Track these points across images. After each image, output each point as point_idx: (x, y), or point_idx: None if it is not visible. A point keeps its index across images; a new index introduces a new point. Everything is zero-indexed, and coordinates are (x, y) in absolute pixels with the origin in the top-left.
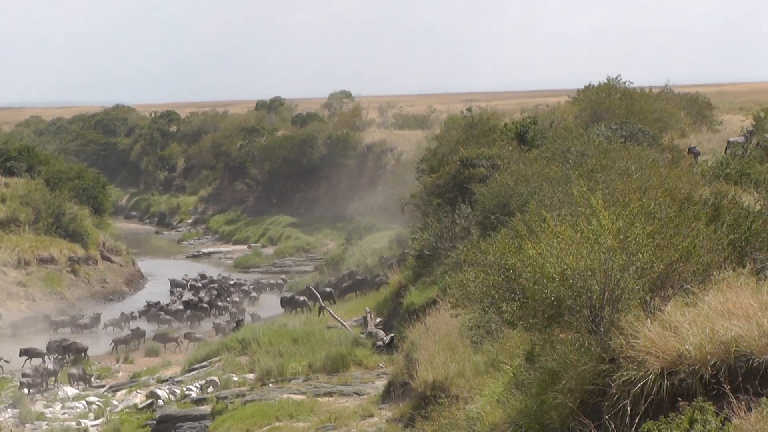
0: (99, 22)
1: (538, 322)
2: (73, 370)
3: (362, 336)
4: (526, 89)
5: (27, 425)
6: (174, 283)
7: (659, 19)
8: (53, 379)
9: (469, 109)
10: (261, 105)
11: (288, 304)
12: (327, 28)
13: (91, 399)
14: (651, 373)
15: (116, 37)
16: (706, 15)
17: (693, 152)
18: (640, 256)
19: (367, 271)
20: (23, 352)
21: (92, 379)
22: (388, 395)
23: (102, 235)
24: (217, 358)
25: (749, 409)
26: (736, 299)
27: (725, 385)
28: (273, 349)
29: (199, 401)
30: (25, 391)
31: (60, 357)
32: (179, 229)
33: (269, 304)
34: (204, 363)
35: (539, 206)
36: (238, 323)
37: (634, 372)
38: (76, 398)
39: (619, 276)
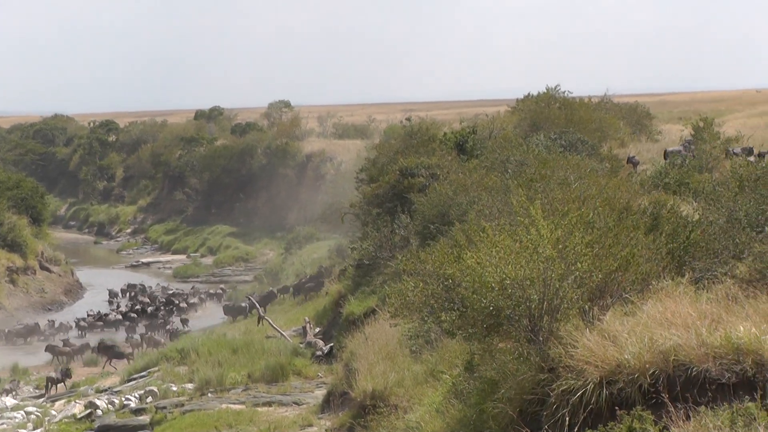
0: (37, 31)
1: (478, 331)
2: (8, 384)
3: (302, 346)
4: (466, 99)
5: None
6: (112, 293)
7: (599, 30)
8: None
9: (408, 119)
10: (200, 114)
11: (231, 312)
12: (266, 38)
13: (30, 409)
14: (590, 382)
15: (55, 46)
16: (645, 26)
17: (632, 162)
18: (579, 265)
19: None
20: None
21: (24, 388)
22: (327, 405)
23: (41, 245)
24: (156, 368)
25: (688, 418)
26: (674, 308)
27: (664, 395)
28: (212, 359)
29: (137, 411)
30: None
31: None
32: (118, 239)
33: (208, 314)
34: (143, 373)
35: (478, 216)
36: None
37: (573, 381)
38: (15, 408)
39: (557, 285)
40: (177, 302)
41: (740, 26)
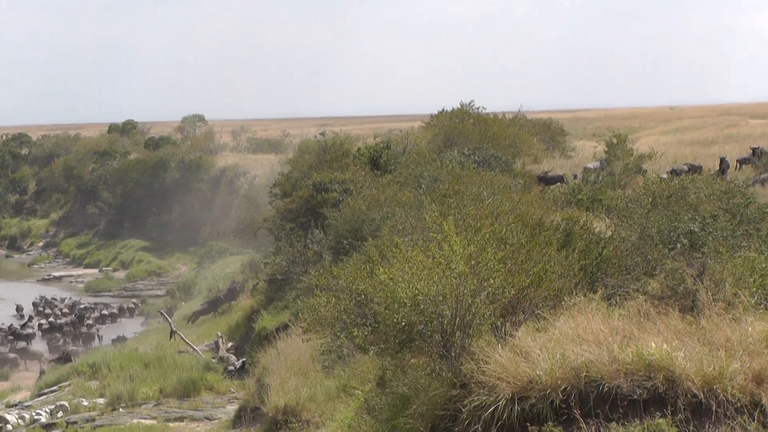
0: None
1: (390, 347)
2: None
3: (214, 361)
4: (380, 114)
5: None
6: (20, 308)
7: (513, 46)
8: None
9: (322, 134)
10: (114, 128)
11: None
12: (180, 51)
13: None
14: (502, 398)
15: None
16: (559, 42)
17: (543, 179)
18: (492, 281)
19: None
20: None
21: None
22: (239, 420)
23: None
24: (68, 383)
25: None
26: (587, 325)
27: (575, 411)
28: (124, 373)
29: (48, 426)
30: None
31: None
32: (30, 253)
33: (121, 328)
34: (54, 388)
35: (391, 231)
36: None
37: (485, 397)
38: None
39: (470, 301)
40: (88, 316)
41: (654, 44)
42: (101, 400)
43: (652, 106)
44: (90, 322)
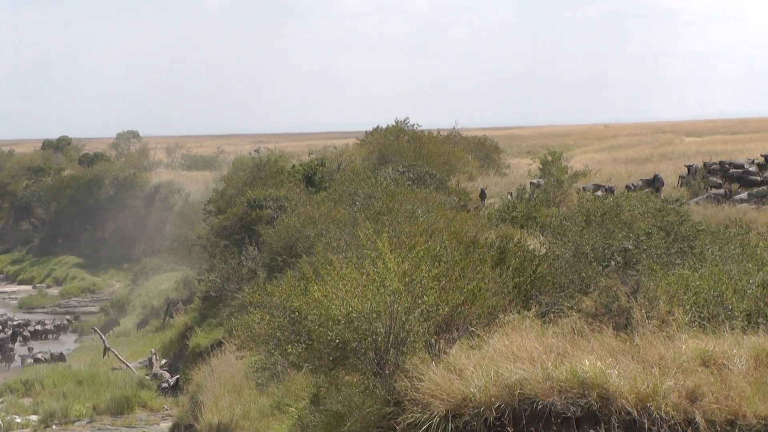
0: None
1: (324, 364)
2: None
3: (148, 378)
4: (315, 131)
5: None
6: None
7: (449, 64)
8: None
9: (257, 151)
10: (48, 144)
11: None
12: (116, 68)
13: None
14: (435, 415)
15: None
16: (494, 60)
17: (482, 195)
18: (426, 298)
19: (153, 312)
20: None
21: None
22: None
23: None
24: (0, 400)
25: None
26: (521, 342)
27: (509, 428)
28: (57, 390)
29: None
30: None
31: None
32: None
33: (55, 345)
34: None
35: (326, 248)
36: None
37: (418, 414)
38: None
39: (404, 318)
40: (22, 332)
41: (589, 62)
42: (34, 417)
43: (587, 123)
44: (22, 338)
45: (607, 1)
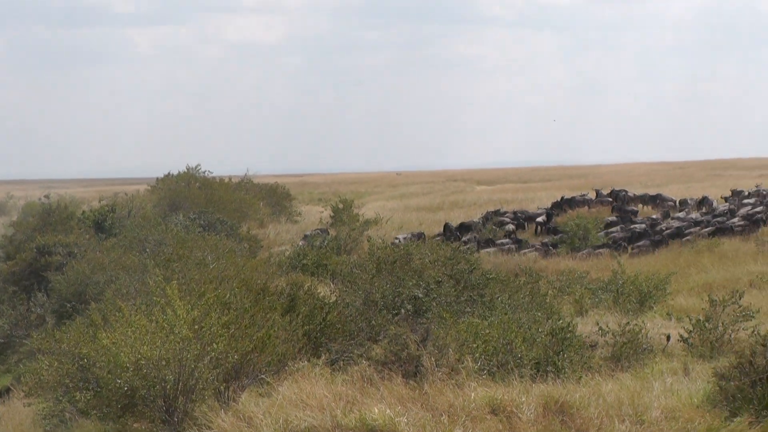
0: None
1: (112, 411)
2: None
3: None
4: (107, 177)
5: None
6: None
7: (242, 109)
8: None
9: (47, 196)
10: None
11: None
12: None
13: None
14: None
15: None
16: (285, 107)
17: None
18: (215, 346)
19: None
20: None
21: None
22: None
23: None
24: None
25: None
26: (310, 390)
27: None
28: None
29: None
30: None
31: None
32: None
33: None
34: None
35: (115, 295)
36: None
37: None
38: None
39: (193, 366)
40: None
41: (381, 109)
42: None
43: (380, 171)
44: None
45: (399, 49)
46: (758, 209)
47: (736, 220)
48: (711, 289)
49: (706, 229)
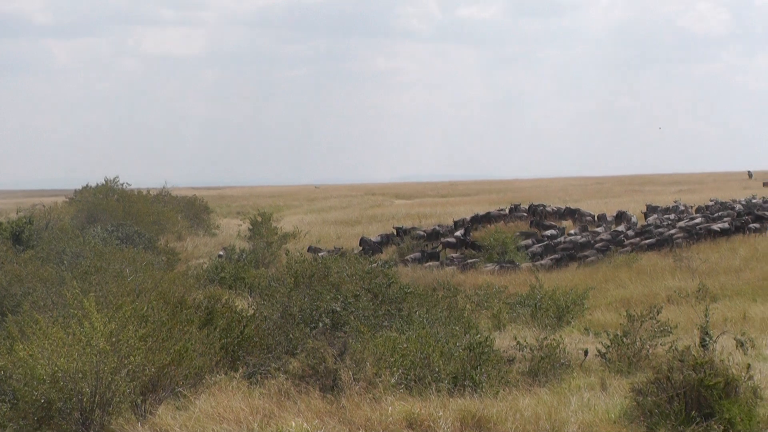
0: None
1: (29, 424)
2: None
3: None
4: (24, 188)
5: None
6: None
7: (161, 120)
8: None
9: None
10: None
11: None
12: None
13: None
14: None
15: None
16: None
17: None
18: (132, 358)
19: None
20: None
21: None
22: None
23: None
24: None
25: None
26: (227, 403)
27: None
28: None
29: None
30: None
31: None
32: None
33: None
34: None
35: (32, 308)
36: None
37: None
38: None
39: (110, 378)
40: None
41: (300, 122)
42: None
43: (298, 184)
44: None
45: (318, 62)
46: (697, 221)
47: (674, 231)
48: (629, 305)
49: (647, 241)
